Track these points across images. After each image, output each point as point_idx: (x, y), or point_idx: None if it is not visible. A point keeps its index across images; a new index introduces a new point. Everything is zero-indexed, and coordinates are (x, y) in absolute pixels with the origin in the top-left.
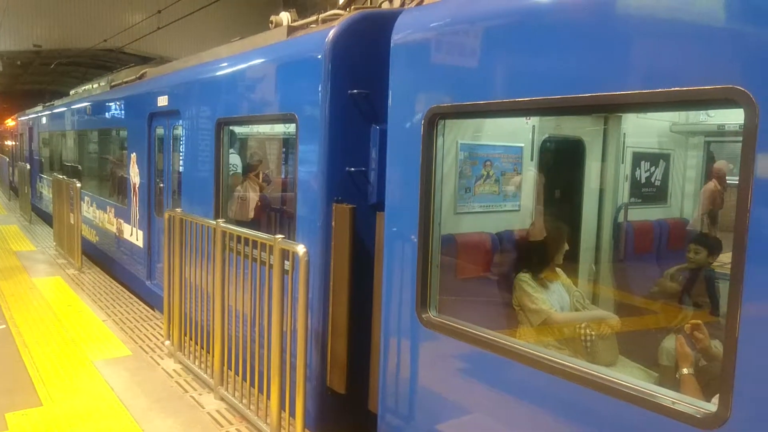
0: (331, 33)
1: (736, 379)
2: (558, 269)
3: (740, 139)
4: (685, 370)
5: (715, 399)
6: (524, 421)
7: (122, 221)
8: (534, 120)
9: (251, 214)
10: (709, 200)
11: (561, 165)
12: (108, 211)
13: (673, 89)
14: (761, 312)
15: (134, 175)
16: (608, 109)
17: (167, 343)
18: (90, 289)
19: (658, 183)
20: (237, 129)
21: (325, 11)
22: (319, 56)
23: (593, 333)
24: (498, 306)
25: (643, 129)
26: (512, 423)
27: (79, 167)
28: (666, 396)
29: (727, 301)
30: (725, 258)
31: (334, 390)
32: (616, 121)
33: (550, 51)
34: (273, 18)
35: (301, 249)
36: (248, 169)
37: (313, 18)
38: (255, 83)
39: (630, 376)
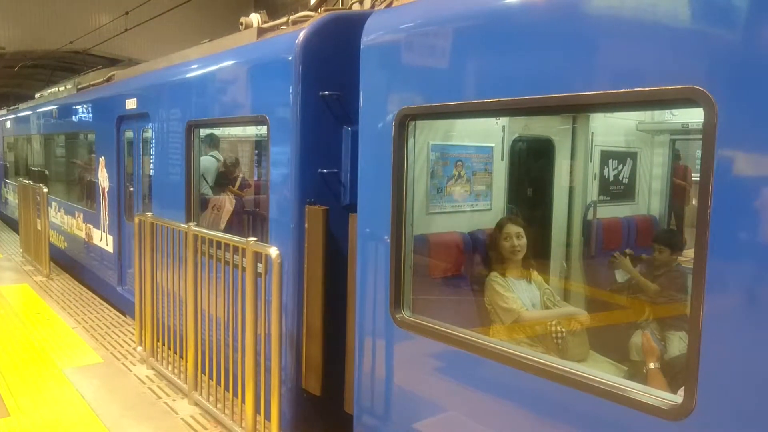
0: (302, 34)
1: (700, 372)
2: (530, 266)
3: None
4: (651, 365)
5: (681, 391)
6: (498, 418)
7: (91, 226)
8: (504, 120)
9: (223, 224)
10: None
11: (531, 164)
12: (76, 216)
13: (636, 89)
14: (723, 306)
15: (103, 179)
16: (576, 108)
17: (139, 349)
18: (59, 296)
19: (625, 181)
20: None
21: (296, 13)
22: (290, 58)
23: (564, 330)
24: (470, 305)
25: (611, 128)
26: (487, 420)
27: (46, 172)
28: (634, 389)
29: (690, 295)
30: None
31: (309, 392)
32: (584, 120)
33: (518, 52)
34: (243, 20)
35: (273, 251)
36: (224, 176)
37: (284, 20)
38: (226, 85)
39: (600, 371)
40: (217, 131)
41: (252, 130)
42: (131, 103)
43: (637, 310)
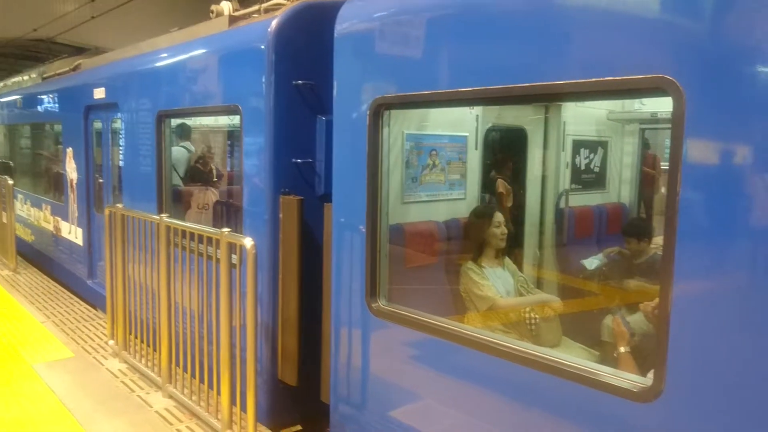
0: (274, 23)
1: (669, 355)
2: (504, 255)
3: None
4: (622, 349)
5: (651, 374)
6: (473, 404)
7: (60, 219)
8: (478, 110)
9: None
10: None
11: (504, 153)
12: (44, 208)
13: (606, 79)
14: (691, 290)
15: (71, 170)
16: (548, 98)
17: (111, 342)
18: (26, 291)
19: (596, 169)
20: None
21: (268, 1)
22: (263, 46)
23: (537, 316)
24: (446, 293)
25: (582, 117)
26: (462, 406)
27: (11, 164)
28: (606, 373)
29: (659, 280)
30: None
31: (285, 383)
32: (557, 109)
33: (491, 42)
34: (214, 7)
35: (248, 242)
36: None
37: (256, 8)
38: (197, 74)
39: (573, 356)
40: (189, 121)
41: (225, 120)
42: (99, 93)
43: (609, 296)
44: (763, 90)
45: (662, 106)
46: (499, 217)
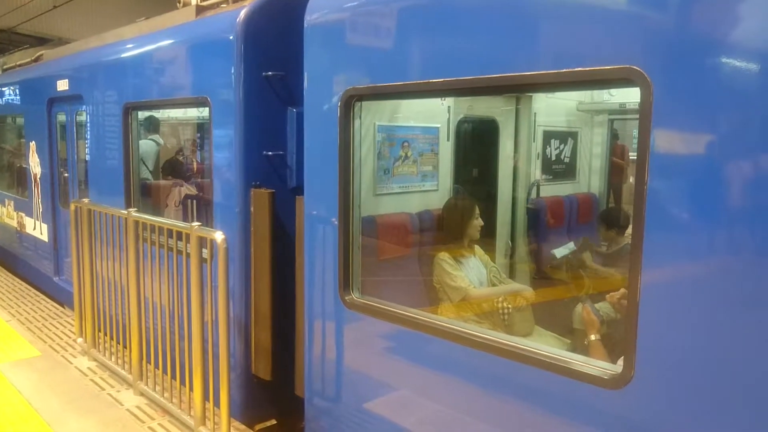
0: (243, 13)
1: (638, 342)
2: (475, 245)
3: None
4: (592, 337)
5: (620, 361)
6: (448, 394)
7: (23, 215)
8: (449, 101)
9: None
10: None
11: (476, 144)
12: (6, 204)
13: (576, 69)
14: (659, 278)
15: (35, 165)
16: (519, 88)
17: (80, 340)
18: None
19: (567, 160)
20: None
21: None
22: (231, 37)
23: (510, 306)
24: (419, 284)
25: (553, 108)
26: (436, 397)
27: None
28: (576, 361)
29: (628, 268)
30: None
31: (259, 377)
32: (527, 101)
33: (463, 32)
34: None
35: (219, 236)
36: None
37: None
38: (164, 66)
39: (545, 345)
40: (157, 114)
41: (194, 112)
42: (63, 85)
43: (579, 284)
44: (729, 81)
45: (631, 96)
46: (478, 210)
